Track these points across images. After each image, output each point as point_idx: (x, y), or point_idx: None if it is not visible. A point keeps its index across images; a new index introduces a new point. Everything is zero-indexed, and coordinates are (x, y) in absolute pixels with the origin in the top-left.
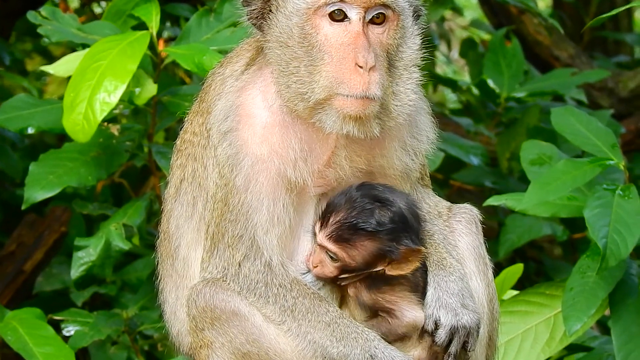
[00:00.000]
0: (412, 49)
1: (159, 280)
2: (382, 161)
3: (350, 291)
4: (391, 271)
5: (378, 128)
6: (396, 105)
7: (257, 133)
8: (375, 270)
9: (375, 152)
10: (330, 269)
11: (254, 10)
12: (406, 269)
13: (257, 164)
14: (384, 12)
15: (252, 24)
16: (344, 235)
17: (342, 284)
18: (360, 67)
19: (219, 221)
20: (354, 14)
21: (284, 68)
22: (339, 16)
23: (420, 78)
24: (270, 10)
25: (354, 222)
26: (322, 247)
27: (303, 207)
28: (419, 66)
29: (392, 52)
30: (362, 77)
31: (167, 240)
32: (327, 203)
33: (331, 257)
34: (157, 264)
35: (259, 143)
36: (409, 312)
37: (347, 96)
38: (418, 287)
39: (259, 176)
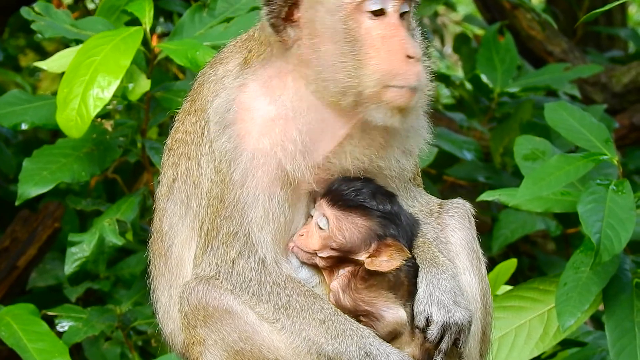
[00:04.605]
0: (419, 40)
1: (151, 280)
2: (381, 162)
3: (331, 297)
4: (370, 265)
5: (410, 121)
6: (419, 99)
7: (257, 127)
8: (355, 257)
9: (379, 153)
10: (314, 239)
11: (274, 8)
12: (385, 267)
13: (255, 159)
14: (409, 6)
15: (271, 23)
16: (342, 202)
17: (320, 265)
18: (411, 58)
19: (213, 218)
20: (390, 6)
21: (329, 63)
22: (378, 10)
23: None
24: (295, 7)
25: (355, 195)
26: (316, 212)
27: (296, 204)
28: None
29: None
30: (414, 68)
31: (160, 239)
32: (335, 180)
33: (320, 227)
34: (149, 262)
35: (258, 138)
36: (388, 312)
37: (400, 87)
38: (399, 286)
39: (256, 171)
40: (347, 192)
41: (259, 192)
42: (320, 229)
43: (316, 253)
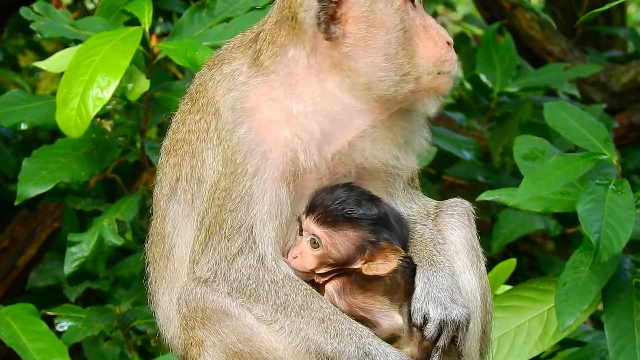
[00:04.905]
0: None
1: (150, 283)
2: (393, 161)
3: (326, 299)
4: (367, 271)
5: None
6: None
7: (276, 120)
8: (352, 267)
9: (394, 151)
10: (309, 259)
11: (325, 5)
12: (382, 270)
13: (272, 151)
14: None
15: (319, 17)
16: (330, 218)
17: (317, 280)
18: (449, 44)
19: (217, 211)
20: None
21: (387, 53)
22: (414, 0)
23: None
24: (338, 5)
25: (341, 208)
26: (306, 233)
27: (298, 202)
28: None
29: None
30: (454, 55)
31: (161, 241)
32: (316, 193)
33: (312, 244)
34: (147, 265)
35: (276, 130)
36: (384, 319)
37: (447, 73)
38: (396, 288)
39: (269, 164)
40: (332, 206)
41: (267, 185)
42: (313, 248)
43: (314, 271)
